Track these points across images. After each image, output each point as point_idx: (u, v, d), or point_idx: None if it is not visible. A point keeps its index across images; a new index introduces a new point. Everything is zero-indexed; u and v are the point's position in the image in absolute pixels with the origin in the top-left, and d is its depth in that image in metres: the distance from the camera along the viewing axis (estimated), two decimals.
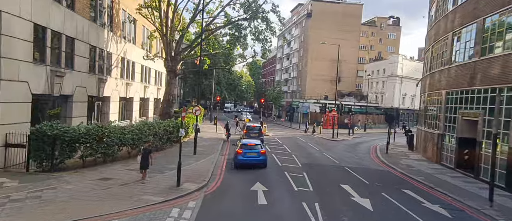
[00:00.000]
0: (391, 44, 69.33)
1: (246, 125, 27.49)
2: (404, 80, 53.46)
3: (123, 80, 24.98)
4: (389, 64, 54.10)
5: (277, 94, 63.69)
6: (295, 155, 21.17)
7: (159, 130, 18.32)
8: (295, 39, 69.56)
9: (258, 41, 22.83)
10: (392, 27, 69.92)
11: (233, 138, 29.21)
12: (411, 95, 55.27)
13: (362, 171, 16.92)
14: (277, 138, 31.43)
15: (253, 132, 26.48)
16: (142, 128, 16.49)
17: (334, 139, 32.70)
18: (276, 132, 38.70)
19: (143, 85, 30.49)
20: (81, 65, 18.01)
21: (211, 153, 19.97)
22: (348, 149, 26.60)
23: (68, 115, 17.24)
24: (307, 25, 63.06)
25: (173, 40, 22.76)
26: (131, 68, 26.88)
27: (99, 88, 20.62)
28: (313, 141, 30.89)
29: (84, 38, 18.21)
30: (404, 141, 32.56)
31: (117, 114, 24.33)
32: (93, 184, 11.43)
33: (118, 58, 23.83)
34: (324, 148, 25.84)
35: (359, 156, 23.14)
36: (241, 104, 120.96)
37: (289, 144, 26.95)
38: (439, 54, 21.38)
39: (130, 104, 27.90)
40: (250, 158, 16.44)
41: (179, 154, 12.25)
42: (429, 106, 22.94)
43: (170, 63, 22.58)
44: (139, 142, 16.12)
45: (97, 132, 13.63)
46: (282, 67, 77.27)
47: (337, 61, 50.01)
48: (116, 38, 23.18)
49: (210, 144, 24.29)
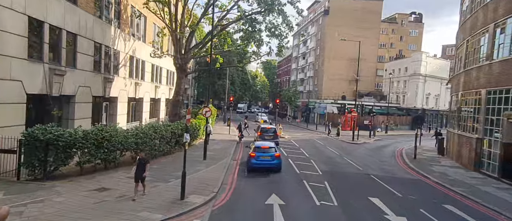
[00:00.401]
0: (413, 41, 66.09)
1: (260, 127, 25.89)
2: (428, 79, 50.48)
3: (131, 80, 23.87)
4: (411, 62, 51.24)
5: (292, 94, 61.79)
6: (314, 160, 19.39)
7: (167, 133, 16.97)
8: (311, 38, 67.43)
9: (274, 37, 21.17)
10: (414, 23, 66.65)
11: (246, 140, 27.70)
12: (435, 95, 52.20)
13: (391, 180, 14.99)
14: (293, 140, 29.68)
15: (267, 135, 24.91)
16: (147, 132, 15.15)
17: (354, 142, 30.63)
18: (292, 134, 36.92)
19: (153, 85, 29.40)
20: (84, 63, 16.89)
21: (223, 158, 18.48)
22: (371, 153, 24.55)
23: (70, 117, 16.12)
24: (324, 22, 60.85)
25: (183, 37, 21.42)
26: (141, 67, 25.77)
27: (105, 88, 19.49)
28: (332, 144, 28.95)
29: (88, 35, 17.08)
30: (431, 145, 30.16)
31: (125, 115, 23.22)
32: (86, 196, 10.10)
33: (127, 57, 22.72)
34: (344, 152, 23.92)
35: (384, 161, 21.10)
36: (255, 104, 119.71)
37: (307, 148, 25.16)
38: (476, 48, 19.09)
39: (140, 105, 26.82)
40: (263, 161, 15.59)
41: (184, 163, 10.78)
42: (464, 107, 20.64)
43: (179, 61, 21.26)
44: (144, 146, 14.80)
45: (96, 136, 12.35)
46: (297, 67, 75.26)
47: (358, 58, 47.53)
48: (124, 36, 22.06)
49: (222, 147, 22.83)
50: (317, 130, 43.31)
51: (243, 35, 21.28)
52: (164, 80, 32.87)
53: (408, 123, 49.22)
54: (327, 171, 16.60)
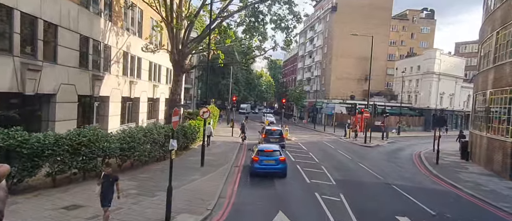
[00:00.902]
0: (424, 39, 63.47)
1: (265, 128, 23.89)
2: (442, 78, 47.93)
3: (126, 78, 22.05)
4: (424, 60, 48.75)
5: (299, 94, 59.64)
6: (325, 166, 17.31)
7: (159, 137, 15.05)
8: (318, 35, 65.24)
9: (280, 30, 19.18)
10: (426, 20, 64.02)
11: (249, 142, 25.72)
12: (449, 94, 49.61)
13: (416, 192, 12.86)
14: (300, 143, 27.61)
15: (273, 137, 22.95)
16: (135, 135, 13.24)
17: (367, 144, 28.43)
18: (299, 135, 34.84)
19: (151, 84, 27.59)
20: (67, 58, 15.06)
21: (223, 164, 16.52)
22: (387, 158, 22.38)
23: (50, 118, 14.31)
24: (332, 19, 58.64)
25: (181, 29, 19.52)
26: (137, 65, 23.95)
27: (94, 87, 17.67)
28: (342, 147, 26.81)
29: (72, 26, 15.26)
30: (450, 147, 27.87)
31: (118, 116, 21.40)
32: (50, 216, 8.20)
33: (120, 53, 20.90)
34: (357, 156, 21.79)
35: (403, 167, 18.93)
36: (261, 105, 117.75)
37: (316, 151, 23.08)
38: (509, 41, 16.84)
39: (136, 105, 25.01)
40: (267, 166, 14.31)
41: (169, 176, 8.82)
42: (494, 107, 18.37)
43: (176, 57, 19.38)
44: (131, 152, 12.90)
45: (71, 141, 10.47)
46: (304, 66, 73.09)
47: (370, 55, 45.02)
48: (116, 30, 20.25)
49: (223, 151, 20.87)
50: (325, 132, 41.17)
51: (246, 28, 19.26)
52: (164, 79, 31.04)
53: (421, 124, 46.79)
54: (342, 180, 14.52)
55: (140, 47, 23.86)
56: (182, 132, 18.01)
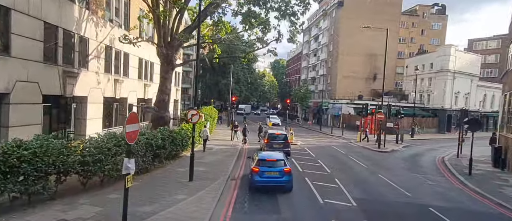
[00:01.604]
0: (435, 35, 60.32)
1: (268, 132, 21.09)
2: (457, 76, 44.83)
3: (109, 76, 19.38)
4: (437, 57, 45.66)
5: (303, 94, 56.75)
6: (339, 178, 14.49)
7: (138, 146, 12.29)
8: (323, 33, 62.35)
9: (284, 18, 16.38)
10: (437, 16, 60.88)
11: (250, 148, 22.93)
12: (465, 93, 46.47)
13: (464, 218, 9.99)
14: (307, 148, 24.78)
15: (276, 142, 20.20)
16: (102, 145, 10.49)
17: (381, 149, 25.51)
18: (305, 139, 32.01)
19: (142, 83, 24.95)
20: (27, 50, 12.38)
21: (218, 176, 13.75)
22: (408, 166, 19.50)
23: (2, 124, 11.61)
24: (338, 15, 55.74)
25: (169, 18, 16.80)
26: (123, 61, 21.29)
27: (65, 85, 14.97)
28: (354, 152, 23.92)
29: (32, 11, 12.57)
30: (477, 152, 24.93)
31: (99, 119, 18.71)
32: None
33: (101, 47, 18.23)
34: (373, 165, 18.94)
35: (431, 179, 16.03)
36: (264, 105, 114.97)
37: (325, 158, 20.26)
38: None
39: (123, 106, 22.35)
40: (269, 179, 11.95)
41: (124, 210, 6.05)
42: None
43: (164, 50, 16.66)
44: (97, 166, 10.15)
45: (4, 156, 7.75)
46: (308, 65, 70.20)
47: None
48: (96, 20, 17.55)
49: (220, 159, 18.10)
50: (333, 134, 38.28)
51: (244, 15, 16.41)
52: (157, 78, 28.36)
53: (435, 125, 43.72)
54: (362, 199, 11.68)
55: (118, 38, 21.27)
56: (170, 138, 15.24)
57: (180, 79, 37.46)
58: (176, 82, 34.95)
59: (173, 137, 15.49)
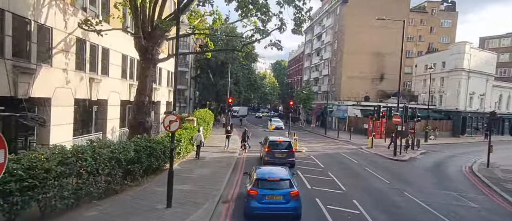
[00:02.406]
0: (445, 33, 57.32)
1: (269, 140, 18.11)
2: (472, 75, 41.79)
3: (82, 74, 16.47)
4: (450, 55, 42.63)
5: (307, 96, 53.76)
6: (360, 200, 11.52)
7: (98, 162, 9.31)
8: (326, 31, 59.43)
9: (287, 3, 13.50)
10: (446, 13, 57.87)
11: (249, 156, 19.97)
12: (480, 94, 43.41)
13: None
14: (313, 156, 21.81)
15: (279, 151, 17.28)
16: (39, 165, 7.49)
17: (397, 157, 22.49)
18: (310, 144, 29.04)
19: (126, 83, 22.02)
20: None
21: (205, 199, 10.79)
22: (435, 179, 16.50)
23: None
24: (342, 12, 52.87)
25: (149, 3, 13.90)
26: (101, 57, 18.41)
27: (16, 83, 12.05)
28: (369, 161, 20.91)
29: None
30: (506, 158, 22.04)
31: (70, 125, 15.76)
32: None
33: (70, 39, 15.33)
34: (394, 178, 15.96)
35: (470, 198, 13.02)
36: (264, 107, 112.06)
37: (337, 169, 17.31)
38: None
39: (103, 109, 19.45)
40: (271, 205, 9.31)
41: None
42: None
43: (143, 42, 13.75)
44: (26, 197, 7.16)
45: None
46: (311, 65, 67.24)
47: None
48: (64, 8, 14.64)
49: (212, 172, 15.13)
50: (339, 139, 35.28)
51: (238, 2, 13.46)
52: None
53: (449, 128, 40.65)
54: None
55: (110, 36, 18.35)
56: (147, 150, 12.29)
57: (171, 78, 34.55)
58: (168, 82, 32.11)
59: (151, 148, 12.53)
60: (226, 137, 22.46)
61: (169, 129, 9.69)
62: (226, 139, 22.32)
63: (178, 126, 9.73)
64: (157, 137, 15.35)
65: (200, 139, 19.76)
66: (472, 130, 42.20)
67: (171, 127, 9.65)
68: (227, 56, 45.71)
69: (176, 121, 9.66)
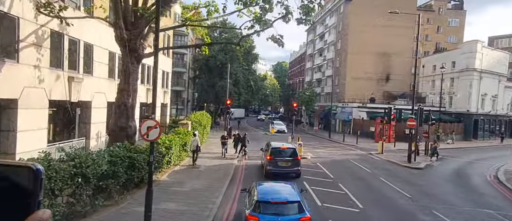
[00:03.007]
0: (452, 32, 55.31)
1: (271, 146, 16.05)
2: (484, 76, 39.72)
3: (59, 72, 14.51)
4: (461, 54, 40.58)
5: (309, 97, 51.75)
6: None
7: (56, 179, 7.25)
8: (330, 30, 57.48)
9: None
10: (454, 11, 55.90)
11: (250, 164, 17.93)
12: (492, 95, 41.30)
13: None
14: (320, 163, 19.75)
15: (282, 159, 15.30)
16: None
17: (412, 165, 20.40)
18: (315, 150, 27.01)
19: (114, 84, 19.86)
20: None
21: None
22: (462, 191, 14.45)
23: None
24: (346, 10, 50.95)
25: None
26: (83, 53, 16.45)
27: None
28: (382, 170, 18.83)
29: None
30: None
31: (42, 130, 13.76)
32: None
33: (43, 32, 13.36)
34: (416, 190, 13.90)
35: None
36: (265, 109, 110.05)
37: (348, 180, 15.27)
38: None
39: (86, 112, 17.47)
40: None
41: None
42: None
43: (125, 34, 11.76)
44: None
45: None
46: (313, 65, 65.25)
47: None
48: None
49: (205, 184, 13.08)
50: (345, 143, 33.21)
51: None
52: (138, 77, 23.50)
53: (460, 131, 38.54)
54: None
55: (92, 30, 16.41)
56: (126, 162, 10.24)
57: (169, 79, 32.60)
58: (164, 83, 30.14)
59: (132, 158, 10.49)
60: (222, 144, 20.08)
61: (147, 138, 7.65)
62: (222, 146, 19.99)
63: (158, 134, 7.71)
64: (143, 145, 13.30)
65: (197, 144, 17.85)
66: (484, 134, 40.11)
67: (150, 135, 7.63)
68: (226, 56, 43.75)
69: (156, 127, 7.63)
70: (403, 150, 28.27)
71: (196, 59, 49.15)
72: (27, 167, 0.85)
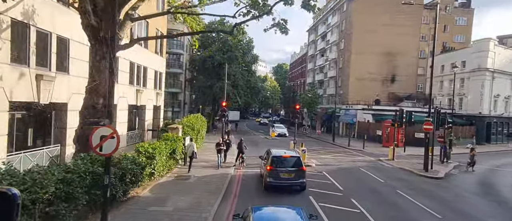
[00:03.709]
0: (460, 32, 53.16)
1: (272, 154, 13.87)
2: (497, 76, 37.55)
3: (25, 69, 12.48)
4: (472, 54, 38.44)
5: (311, 99, 49.63)
6: None
7: None
8: (332, 29, 55.46)
9: None
10: (461, 10, 53.76)
11: (247, 173, 15.74)
12: (505, 96, 39.11)
13: None
14: (326, 172, 17.55)
15: (284, 170, 13.25)
16: None
17: (430, 174, 18.17)
18: (319, 155, 24.90)
19: None
20: None
21: None
22: (497, 207, 12.25)
23: None
24: (350, 9, 48.94)
25: None
26: (55, 49, 14.41)
27: None
28: (397, 180, 16.63)
29: None
30: None
31: (1, 137, 11.65)
32: None
33: (1, 21, 11.30)
34: (445, 208, 11.70)
35: None
36: (265, 111, 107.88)
37: (361, 194, 13.10)
38: None
39: (61, 116, 15.40)
40: None
41: None
42: None
43: (94, 20, 9.67)
44: None
45: None
46: (315, 67, 63.20)
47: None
48: None
49: (192, 201, 10.90)
50: (351, 147, 31.04)
51: None
52: (126, 77, 21.45)
53: (472, 135, 36.31)
54: None
55: (69, 21, 14.35)
56: (88, 179, 8.07)
57: (163, 79, 30.50)
58: (156, 84, 28.05)
59: (96, 173, 8.32)
60: (217, 152, 17.53)
61: (99, 152, 5.50)
62: (217, 154, 17.55)
63: (116, 146, 5.55)
64: (123, 153, 11.15)
65: (193, 150, 16.09)
66: (497, 137, 37.88)
67: (104, 147, 5.47)
68: (225, 56, 41.69)
69: (113, 137, 5.47)
70: (414, 156, 26.18)
71: (193, 59, 47.09)
72: (1, 192, 0.74)
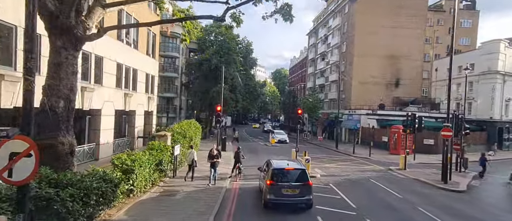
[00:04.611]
0: (465, 34, 51.59)
1: (273, 166, 11.89)
2: (508, 79, 35.76)
3: None
4: (481, 56, 36.71)
5: (313, 104, 47.76)
6: None
7: None
8: (333, 32, 53.82)
9: None
10: (466, 12, 52.25)
11: (244, 187, 13.73)
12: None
13: None
14: (334, 185, 15.59)
15: (287, 186, 11.39)
16: None
17: (450, 186, 16.19)
18: (323, 163, 22.96)
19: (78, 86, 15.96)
20: None
21: None
22: None
23: None
24: (352, 10, 47.33)
25: None
26: (20, 45, 12.47)
27: None
28: (412, 193, 14.65)
29: None
30: None
31: None
32: None
33: None
34: None
35: None
36: (264, 117, 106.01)
37: (376, 213, 11.23)
38: None
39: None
40: None
41: None
42: None
43: (51, 4, 7.82)
44: None
45: None
46: (315, 70, 61.44)
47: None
48: None
49: None
50: (356, 155, 29.07)
51: None
52: (113, 80, 19.57)
53: (483, 141, 34.43)
54: None
55: None
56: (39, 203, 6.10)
57: (156, 83, 28.61)
58: (147, 87, 26.16)
59: (48, 198, 6.34)
60: (211, 165, 14.47)
61: (7, 178, 3.55)
62: (210, 168, 14.47)
63: (34, 169, 3.62)
64: (95, 167, 9.20)
65: (193, 157, 14.78)
66: (510, 143, 35.97)
67: (14, 172, 3.52)
68: (222, 59, 39.88)
69: (29, 155, 3.53)
70: (426, 165, 24.28)
71: (189, 63, 45.30)
72: None
